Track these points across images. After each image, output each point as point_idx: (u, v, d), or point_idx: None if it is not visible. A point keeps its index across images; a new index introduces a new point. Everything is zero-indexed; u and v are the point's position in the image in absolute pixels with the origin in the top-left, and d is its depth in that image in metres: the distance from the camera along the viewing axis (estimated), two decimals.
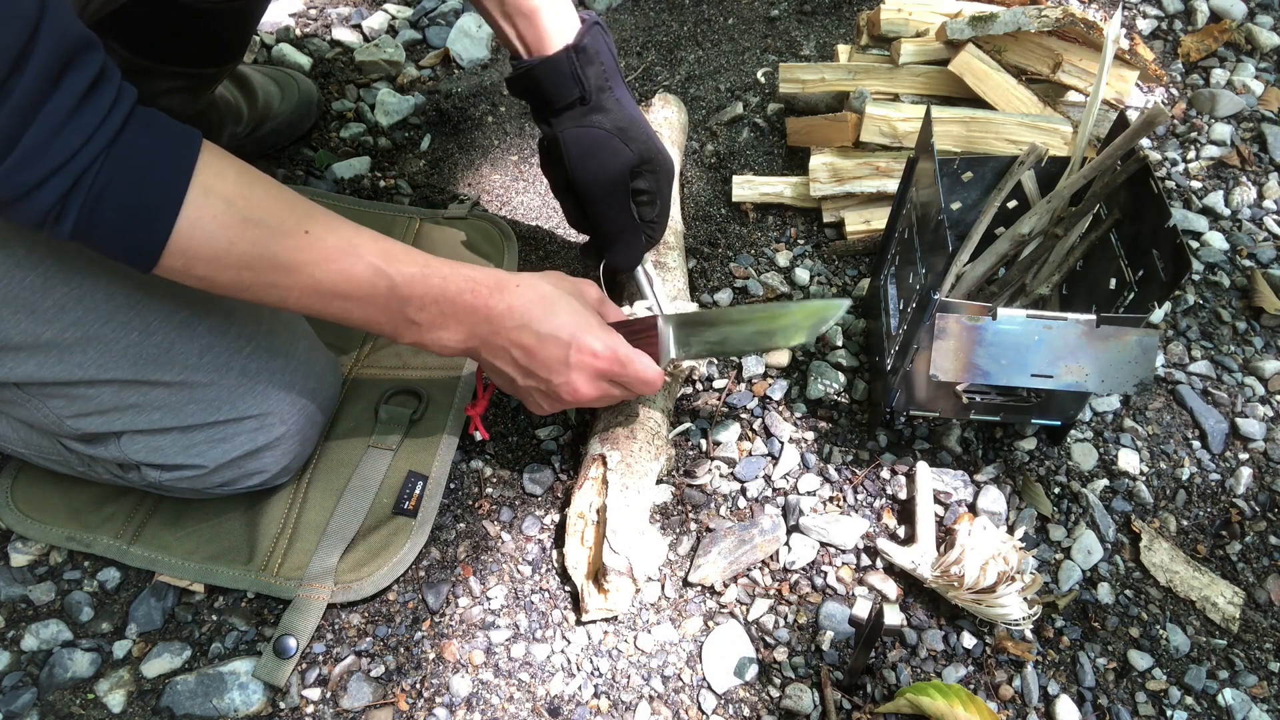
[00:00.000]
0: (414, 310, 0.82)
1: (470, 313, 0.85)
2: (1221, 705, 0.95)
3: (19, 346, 0.79)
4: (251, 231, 0.71)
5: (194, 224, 0.68)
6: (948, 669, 0.95)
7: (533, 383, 0.90)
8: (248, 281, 0.73)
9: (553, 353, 0.87)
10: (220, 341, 0.86)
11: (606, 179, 0.98)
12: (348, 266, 0.77)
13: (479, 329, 0.86)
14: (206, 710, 0.89)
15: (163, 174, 0.67)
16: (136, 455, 0.88)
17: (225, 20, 1.13)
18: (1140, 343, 0.91)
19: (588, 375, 0.89)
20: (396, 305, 0.81)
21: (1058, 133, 1.23)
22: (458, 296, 0.84)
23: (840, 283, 1.27)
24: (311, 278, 0.76)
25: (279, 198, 0.74)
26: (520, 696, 0.92)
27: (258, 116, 1.33)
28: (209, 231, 0.69)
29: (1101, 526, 1.06)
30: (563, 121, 0.96)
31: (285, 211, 0.74)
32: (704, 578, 0.99)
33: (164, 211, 0.67)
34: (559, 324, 0.87)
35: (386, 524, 0.99)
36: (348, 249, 0.77)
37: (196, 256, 0.70)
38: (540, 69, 0.94)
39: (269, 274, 0.74)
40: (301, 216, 0.75)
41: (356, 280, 0.78)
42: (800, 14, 1.63)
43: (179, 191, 0.67)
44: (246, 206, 0.71)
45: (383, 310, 0.81)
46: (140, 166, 0.66)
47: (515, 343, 0.87)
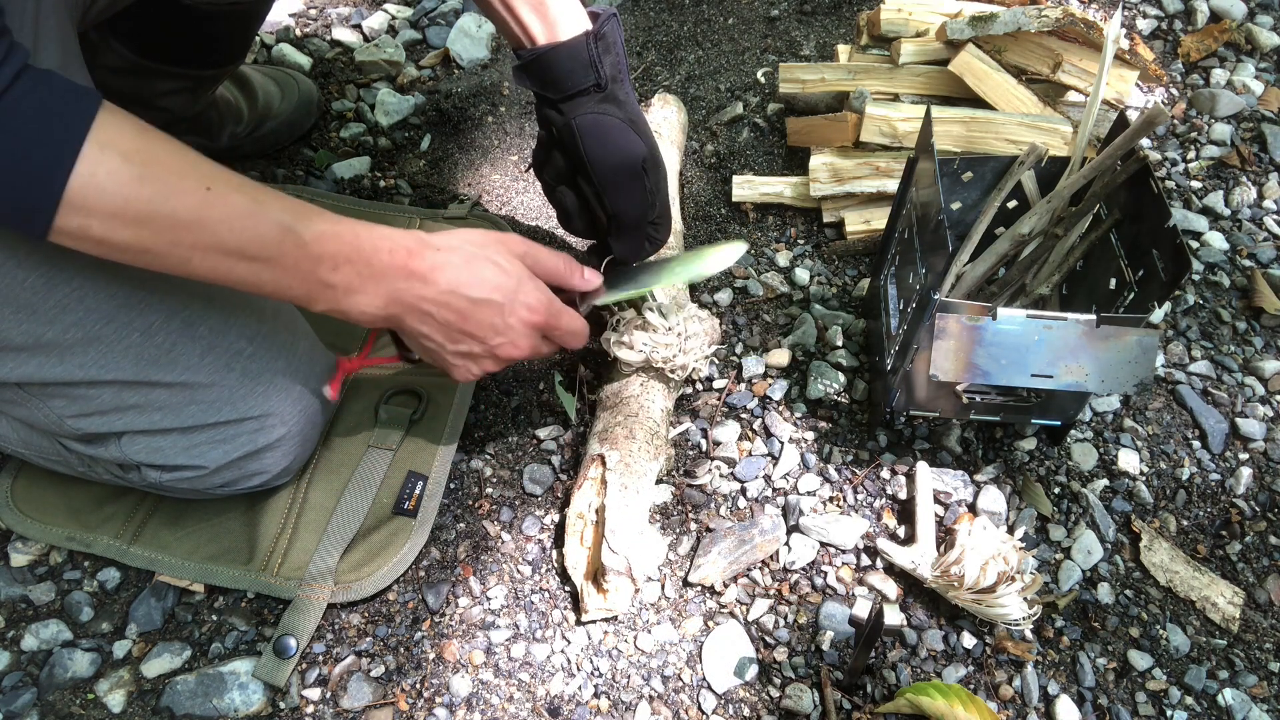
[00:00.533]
0: (327, 270, 0.77)
1: (390, 273, 0.80)
2: (1221, 705, 0.95)
3: (20, 347, 0.78)
4: (149, 187, 0.68)
5: (88, 179, 0.65)
6: (948, 669, 0.95)
7: (462, 347, 0.87)
8: (147, 241, 0.70)
9: (486, 315, 0.84)
10: (221, 342, 0.86)
11: (622, 164, 0.95)
12: (253, 224, 0.73)
13: (401, 293, 0.81)
14: (206, 710, 0.89)
15: (56, 130, 0.64)
16: (137, 456, 0.88)
17: (227, 23, 1.13)
18: (1140, 343, 0.91)
19: (522, 333, 0.88)
20: (308, 265, 0.76)
21: (1058, 133, 1.23)
22: (374, 255, 0.79)
23: (840, 283, 1.27)
24: (215, 235, 0.71)
25: (180, 155, 0.71)
26: (520, 696, 0.92)
27: (258, 116, 1.34)
28: (103, 186, 0.66)
29: (1101, 526, 1.06)
30: (575, 108, 0.92)
31: (186, 167, 0.71)
32: (704, 578, 0.99)
33: (57, 167, 0.64)
34: (490, 285, 0.84)
35: (386, 524, 0.99)
36: (252, 205, 0.73)
37: (92, 212, 0.67)
38: (557, 53, 0.90)
39: (169, 232, 0.70)
40: (203, 175, 0.71)
41: (264, 238, 0.73)
42: (800, 14, 1.63)
43: (73, 146, 0.64)
44: (144, 162, 0.68)
45: (293, 271, 0.76)
46: (32, 123, 0.63)
47: (445, 306, 0.83)
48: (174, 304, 0.82)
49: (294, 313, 0.96)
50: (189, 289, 0.83)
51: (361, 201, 1.31)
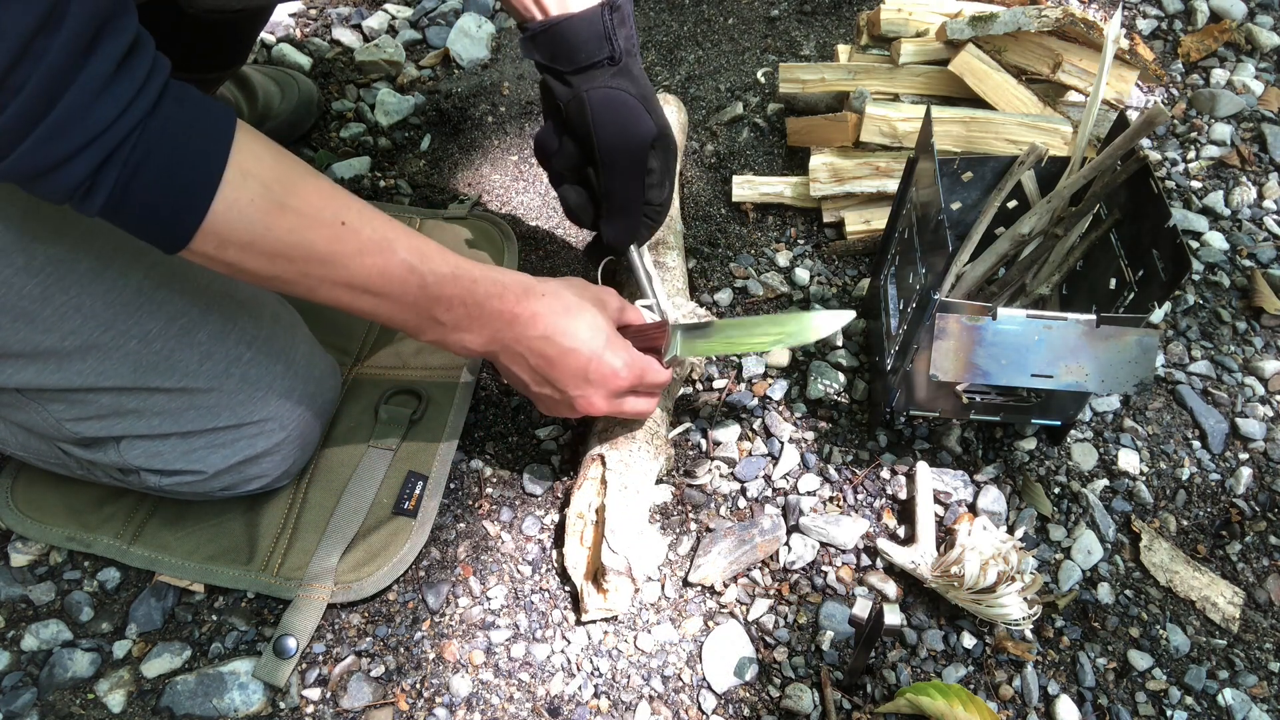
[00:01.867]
0: (441, 310, 0.81)
1: (496, 318, 0.84)
2: (1221, 705, 0.95)
3: (18, 354, 0.78)
4: (288, 219, 0.69)
5: (230, 207, 0.65)
6: (948, 669, 0.95)
7: (545, 390, 0.90)
8: (279, 270, 0.71)
9: (572, 367, 0.87)
10: (220, 348, 0.85)
11: (629, 145, 0.94)
12: (382, 262, 0.75)
13: (501, 334, 0.85)
14: (206, 710, 0.89)
15: (200, 152, 0.64)
16: (136, 461, 0.88)
17: (229, 28, 1.13)
18: (1140, 343, 0.91)
19: (605, 393, 0.90)
20: (425, 305, 0.79)
21: (1058, 133, 1.23)
22: (486, 301, 0.82)
23: (840, 283, 1.27)
24: (345, 270, 0.73)
25: (315, 185, 0.72)
26: (520, 696, 0.92)
27: (258, 116, 1.34)
28: (245, 216, 0.66)
29: (1101, 526, 1.06)
30: (587, 80, 0.91)
31: (322, 200, 0.72)
32: (704, 578, 0.99)
33: (200, 192, 0.64)
34: (581, 339, 0.87)
35: (386, 524, 0.99)
36: (383, 244, 0.75)
37: (229, 241, 0.67)
38: (571, 24, 0.88)
39: (302, 264, 0.71)
40: (338, 206, 0.73)
41: (389, 276, 0.76)
42: (800, 14, 1.63)
43: (216, 171, 0.64)
44: (283, 192, 0.68)
45: (411, 308, 0.79)
46: (177, 142, 0.63)
47: (536, 351, 0.86)
48: (172, 311, 0.82)
49: (294, 317, 0.96)
50: (188, 295, 0.83)
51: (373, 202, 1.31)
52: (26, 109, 0.56)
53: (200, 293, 0.84)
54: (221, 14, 1.06)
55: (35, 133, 0.57)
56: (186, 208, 0.64)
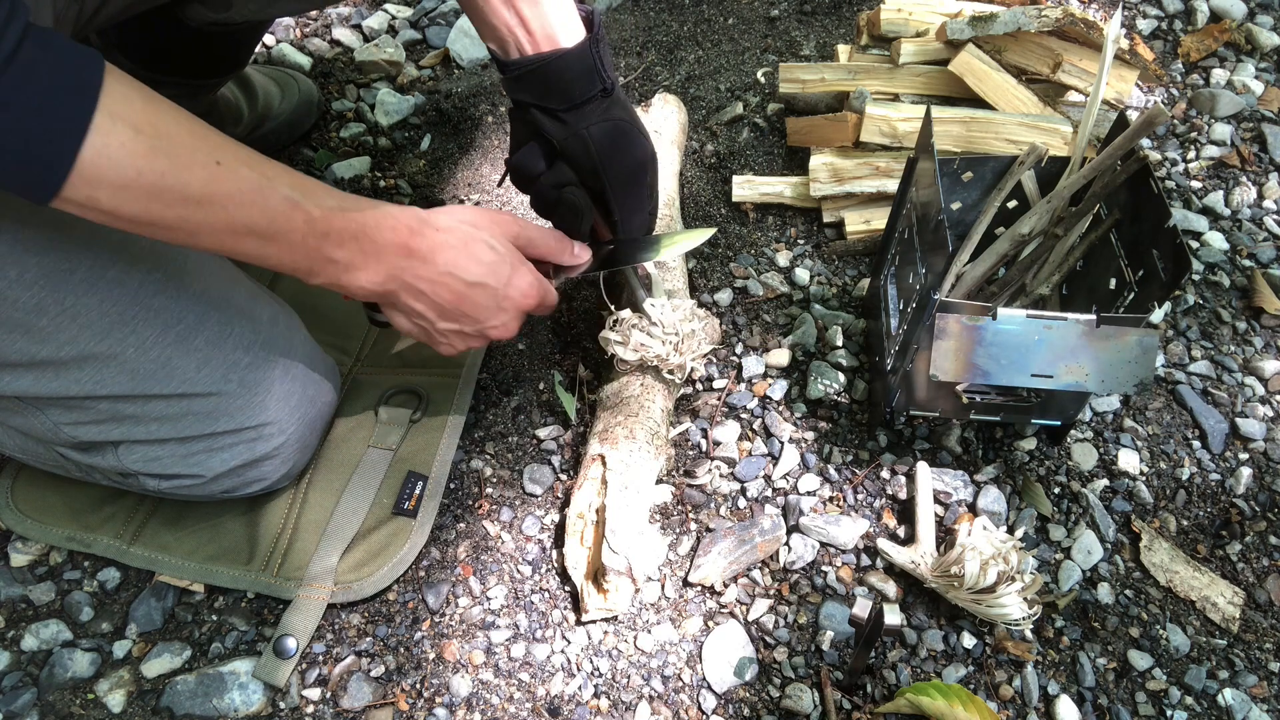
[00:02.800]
0: (332, 247, 0.77)
1: (391, 252, 0.80)
2: (1221, 705, 0.95)
3: (15, 364, 0.78)
4: (160, 161, 0.66)
5: (99, 151, 0.63)
6: (948, 669, 0.95)
7: (453, 325, 0.88)
8: (156, 214, 0.68)
9: (480, 298, 0.86)
10: (218, 354, 0.85)
11: (637, 170, 0.94)
12: (262, 200, 0.72)
13: (399, 270, 0.81)
14: (206, 710, 0.89)
15: (66, 97, 0.61)
16: (134, 465, 0.88)
17: (229, 39, 1.13)
18: (1140, 343, 0.91)
19: (514, 315, 0.90)
20: (314, 242, 0.76)
21: (1058, 133, 1.23)
22: (377, 233, 0.79)
23: (840, 283, 1.27)
24: (224, 212, 0.70)
25: (189, 127, 0.69)
26: (520, 696, 0.92)
27: (258, 116, 1.33)
28: (115, 160, 0.64)
29: (1101, 526, 1.06)
30: (582, 117, 0.89)
31: (196, 141, 0.69)
32: (704, 578, 0.99)
33: (68, 136, 0.61)
34: (487, 267, 0.85)
35: (386, 524, 0.99)
36: (262, 182, 0.72)
37: (101, 184, 0.64)
38: (561, 62, 0.86)
39: (178, 206, 0.68)
40: (212, 147, 0.70)
41: (272, 215, 0.73)
42: (800, 14, 1.63)
43: (85, 115, 0.62)
44: (154, 134, 0.66)
45: (299, 247, 0.75)
46: (41, 87, 0.60)
47: (441, 286, 0.84)
48: (169, 318, 0.82)
49: (293, 319, 0.96)
50: (185, 301, 0.83)
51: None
52: None
53: (197, 299, 0.84)
54: (223, 27, 1.06)
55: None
56: (55, 154, 0.61)
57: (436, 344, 0.92)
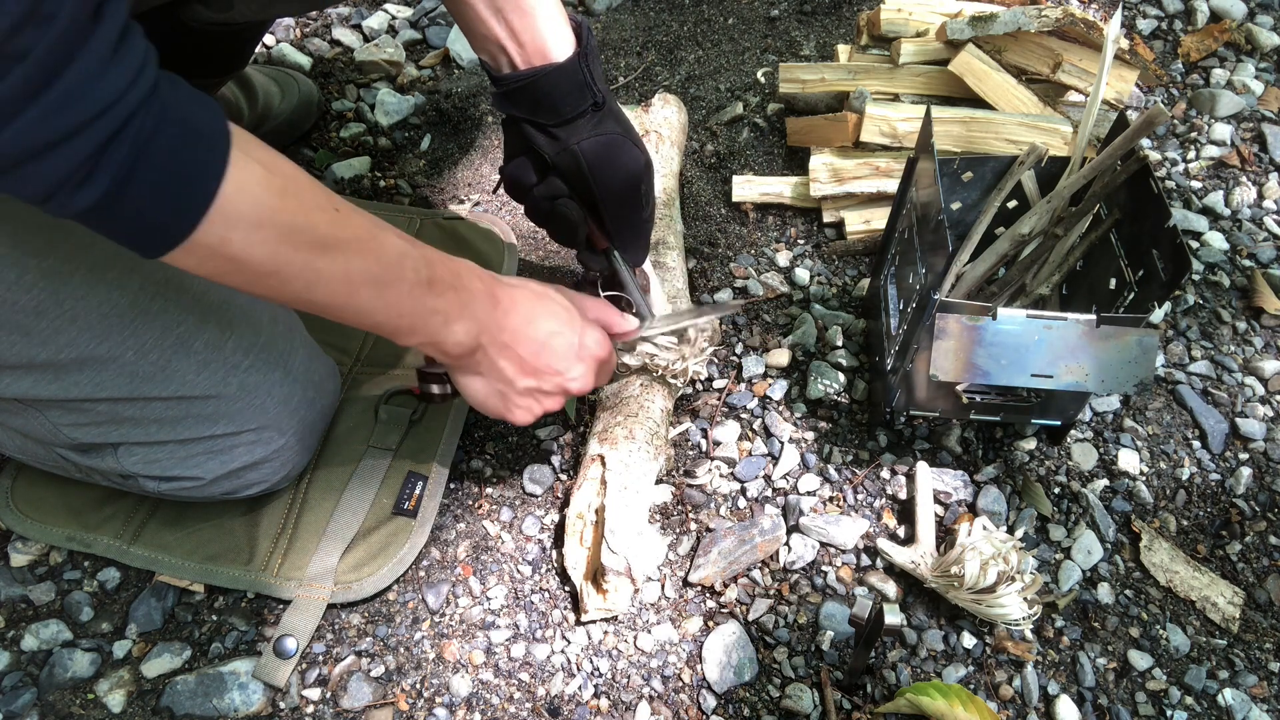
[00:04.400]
0: (434, 297, 0.76)
1: (481, 301, 0.80)
2: (1221, 705, 0.95)
3: (14, 366, 0.78)
4: (290, 201, 0.64)
5: (238, 187, 0.60)
6: (948, 669, 0.95)
7: (531, 383, 0.86)
8: (283, 260, 0.65)
9: (563, 347, 0.86)
10: (218, 357, 0.85)
11: (629, 183, 0.94)
12: (378, 246, 0.71)
13: (487, 322, 0.81)
14: (206, 710, 0.89)
15: (204, 131, 0.59)
16: (134, 467, 0.88)
17: (230, 39, 1.13)
18: (1140, 343, 0.91)
19: (590, 369, 0.89)
20: (420, 291, 0.75)
21: (1058, 133, 1.23)
22: (470, 283, 0.79)
23: (840, 283, 1.27)
24: (344, 259, 0.69)
25: (304, 172, 0.68)
26: (520, 696, 0.92)
27: (258, 116, 1.33)
28: (254, 196, 0.61)
29: (1101, 526, 1.06)
30: (574, 132, 0.89)
31: (314, 186, 0.68)
32: (704, 578, 0.99)
33: (212, 171, 0.59)
34: (563, 319, 0.86)
35: (386, 524, 0.99)
36: (375, 228, 0.71)
37: (238, 223, 0.61)
38: (553, 78, 0.85)
39: (305, 251, 0.66)
40: (328, 193, 0.69)
41: (386, 261, 0.71)
42: (800, 14, 1.63)
43: (224, 150, 0.59)
44: (283, 175, 0.64)
45: (407, 298, 0.74)
46: (181, 120, 0.58)
47: (524, 337, 0.83)
48: (168, 321, 0.81)
49: (293, 320, 0.95)
50: (184, 304, 0.83)
51: (361, 201, 1.31)
52: (31, 76, 0.50)
53: (196, 301, 0.83)
54: (224, 27, 1.06)
55: (39, 102, 0.51)
56: (197, 190, 0.59)
57: (512, 410, 0.89)
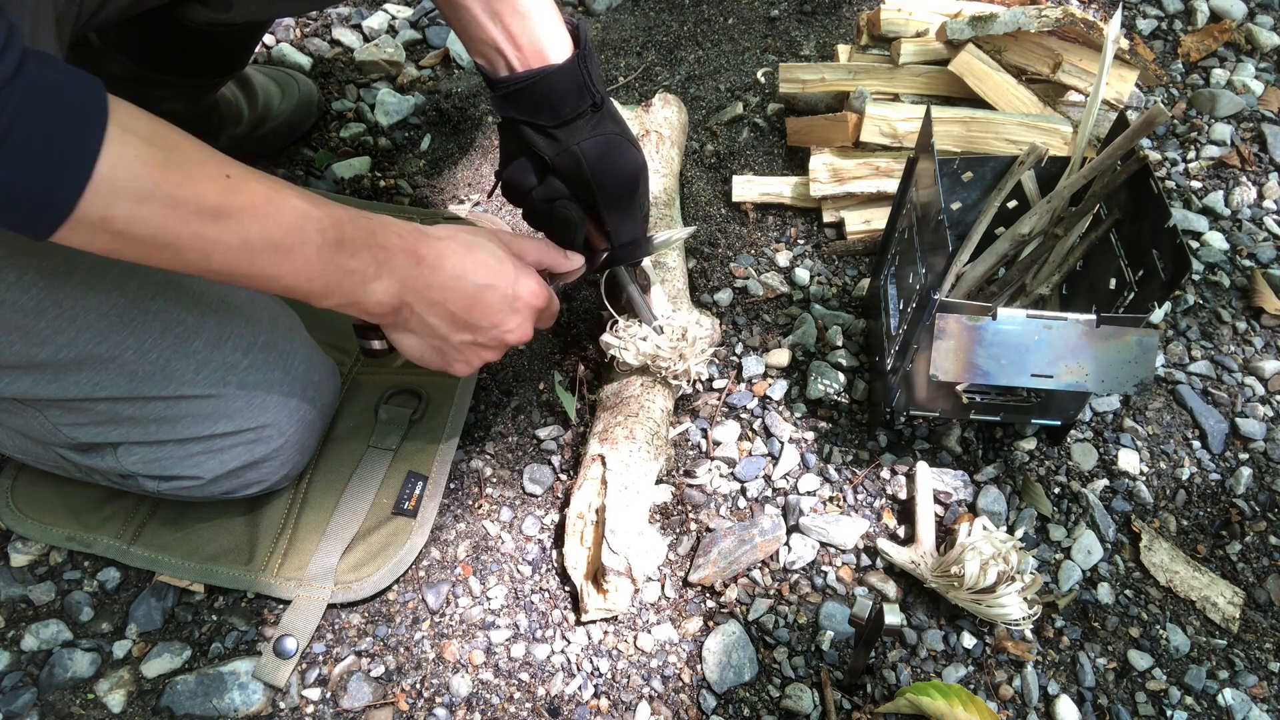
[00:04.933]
0: (346, 257, 0.74)
1: (401, 258, 0.77)
2: (1221, 705, 0.95)
3: (14, 366, 0.78)
4: (174, 173, 0.63)
5: (115, 164, 0.59)
6: (948, 669, 0.95)
7: (466, 337, 0.84)
8: (171, 232, 0.64)
9: (493, 302, 0.83)
10: (217, 356, 0.85)
11: (628, 182, 0.94)
12: (274, 210, 0.69)
13: (411, 280, 0.79)
14: (206, 710, 0.89)
15: (77, 108, 0.58)
16: (133, 467, 0.88)
17: (229, 39, 1.13)
18: (1140, 343, 0.91)
19: (526, 318, 0.87)
20: (328, 252, 0.72)
21: (1058, 133, 1.23)
22: (387, 240, 0.76)
23: (840, 282, 1.27)
24: (239, 225, 0.67)
25: (194, 142, 0.66)
26: (520, 696, 0.92)
27: (258, 116, 1.33)
28: (132, 171, 0.60)
29: (1101, 526, 1.06)
30: (573, 133, 0.89)
31: (204, 154, 0.66)
32: (704, 578, 0.99)
33: (85, 148, 0.58)
34: (492, 272, 0.83)
35: (386, 524, 0.99)
36: (271, 192, 0.69)
37: (118, 198, 0.61)
38: (550, 80, 0.86)
39: (194, 221, 0.65)
40: (220, 161, 0.67)
41: (287, 225, 0.70)
42: (800, 14, 1.63)
43: (99, 127, 0.58)
44: (165, 147, 0.63)
45: (314, 259, 0.72)
46: (50, 99, 0.57)
47: (453, 293, 0.81)
48: (167, 320, 0.81)
49: (294, 320, 0.95)
50: (183, 304, 0.83)
51: (361, 201, 1.31)
52: None
53: (195, 301, 0.83)
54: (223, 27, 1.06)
55: None
56: (71, 167, 0.58)
57: (450, 363, 0.88)
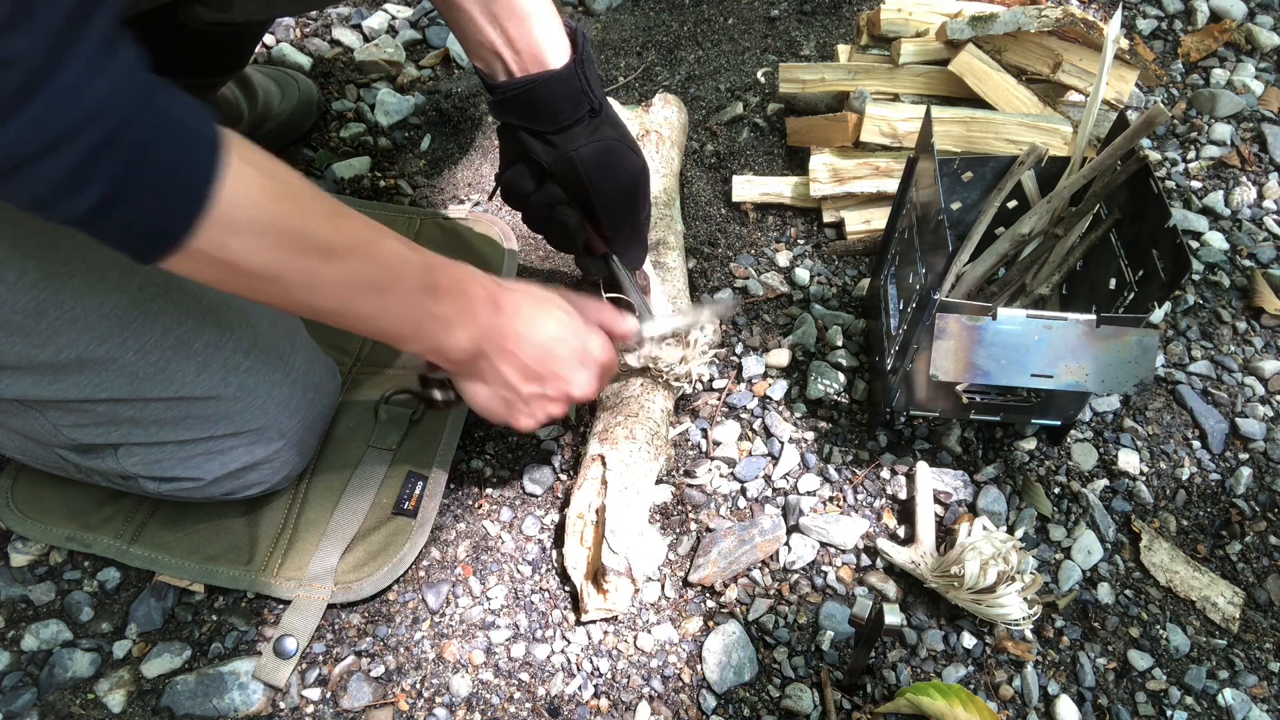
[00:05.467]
0: (436, 302, 0.75)
1: (482, 306, 0.78)
2: (1221, 705, 0.95)
3: (14, 367, 0.78)
4: (289, 206, 0.63)
5: (235, 191, 0.59)
6: (948, 669, 0.95)
7: (535, 389, 0.84)
8: (283, 266, 0.64)
9: (565, 353, 0.84)
10: (218, 357, 0.84)
11: (627, 187, 0.93)
12: (378, 251, 0.70)
13: (488, 329, 0.79)
14: (206, 710, 0.89)
15: (198, 133, 0.57)
16: (134, 468, 0.88)
17: (230, 38, 1.13)
18: (1140, 343, 0.91)
19: (595, 373, 0.88)
20: (423, 296, 0.74)
21: (1058, 133, 1.23)
22: (472, 288, 0.77)
23: (840, 283, 1.27)
24: (345, 263, 0.68)
25: (302, 177, 0.67)
26: (520, 696, 0.92)
27: (258, 116, 1.33)
28: (252, 200, 0.60)
29: (1101, 526, 1.06)
30: (571, 139, 0.89)
31: (313, 190, 0.66)
32: (704, 578, 0.99)
33: (208, 175, 0.57)
34: (566, 325, 0.85)
35: (386, 524, 0.99)
36: (374, 233, 0.70)
37: (235, 229, 0.60)
38: (547, 86, 0.86)
39: (305, 257, 0.65)
40: (325, 198, 0.68)
41: (387, 266, 0.71)
42: (800, 14, 1.63)
43: (220, 154, 0.58)
44: (279, 180, 0.63)
45: (408, 303, 0.73)
46: (175, 123, 0.56)
47: (527, 343, 0.82)
48: (168, 321, 0.81)
49: (294, 323, 0.95)
50: (184, 305, 0.82)
51: (361, 202, 1.31)
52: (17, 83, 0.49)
53: (196, 303, 0.83)
54: (223, 27, 1.06)
55: (27, 109, 0.49)
56: (192, 195, 0.57)
57: (516, 416, 0.87)
